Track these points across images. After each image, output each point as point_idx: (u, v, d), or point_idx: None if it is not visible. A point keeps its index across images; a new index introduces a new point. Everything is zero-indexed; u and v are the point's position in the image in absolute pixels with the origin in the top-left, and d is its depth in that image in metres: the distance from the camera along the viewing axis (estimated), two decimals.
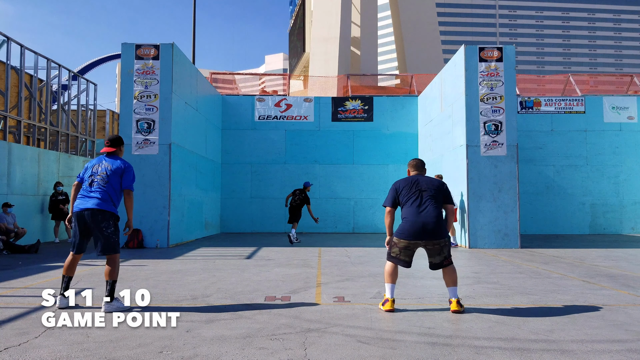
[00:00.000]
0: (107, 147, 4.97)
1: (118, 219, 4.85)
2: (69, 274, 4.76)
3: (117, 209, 4.86)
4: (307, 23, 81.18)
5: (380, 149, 17.41)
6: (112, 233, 4.72)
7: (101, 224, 4.69)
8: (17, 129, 13.44)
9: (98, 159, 4.96)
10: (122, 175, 4.81)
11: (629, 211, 16.83)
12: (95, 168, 4.85)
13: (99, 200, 4.70)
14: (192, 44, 22.28)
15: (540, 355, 3.40)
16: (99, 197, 4.71)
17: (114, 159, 4.93)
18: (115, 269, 4.71)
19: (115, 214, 4.81)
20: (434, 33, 74.89)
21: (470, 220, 11.61)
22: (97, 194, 4.73)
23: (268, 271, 7.48)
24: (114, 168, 4.82)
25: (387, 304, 4.70)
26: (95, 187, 4.76)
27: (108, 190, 4.75)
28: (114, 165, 4.84)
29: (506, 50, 12.10)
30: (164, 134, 11.64)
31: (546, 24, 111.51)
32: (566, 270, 7.66)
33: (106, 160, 4.89)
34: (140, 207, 11.39)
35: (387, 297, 4.74)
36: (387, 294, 4.76)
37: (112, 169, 4.81)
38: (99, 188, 4.74)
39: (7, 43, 12.65)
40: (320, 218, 16.73)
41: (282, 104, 17.57)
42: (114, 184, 4.78)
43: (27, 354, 3.36)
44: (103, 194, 4.72)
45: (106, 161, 4.88)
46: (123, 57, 11.95)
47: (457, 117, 12.64)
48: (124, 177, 4.81)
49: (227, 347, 3.54)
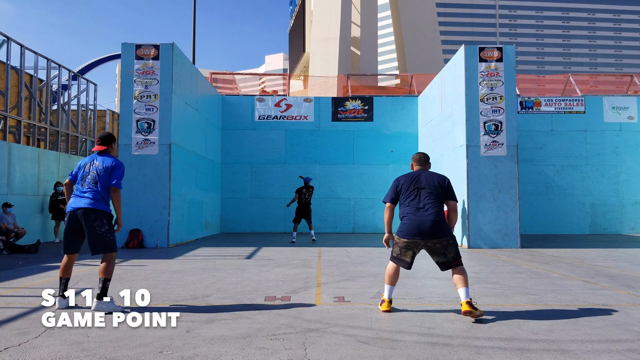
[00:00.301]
0: (99, 145, 4.94)
1: (112, 217, 4.83)
2: (66, 276, 4.75)
3: (110, 207, 4.85)
4: (307, 23, 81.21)
5: (380, 149, 17.41)
6: (106, 232, 4.69)
7: (94, 223, 4.66)
8: (17, 129, 13.44)
9: (90, 157, 4.93)
10: (111, 173, 4.78)
11: (629, 211, 16.83)
12: (87, 167, 4.83)
13: (91, 199, 4.69)
14: (192, 44, 22.28)
15: (540, 355, 3.40)
16: (90, 196, 4.70)
17: (106, 157, 4.89)
18: (110, 266, 4.68)
19: (108, 213, 4.78)
20: (434, 33, 74.91)
21: (470, 220, 11.61)
22: (89, 193, 4.72)
23: (268, 271, 7.48)
24: (105, 166, 4.79)
25: (383, 304, 4.68)
26: (86, 187, 4.75)
27: (100, 189, 4.73)
28: (104, 163, 4.81)
29: (506, 50, 12.10)
30: (164, 134, 11.64)
31: (546, 24, 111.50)
32: (566, 270, 7.66)
33: (97, 159, 4.86)
34: (140, 207, 11.39)
35: (385, 297, 4.72)
36: (385, 295, 4.74)
37: (103, 167, 4.78)
38: (90, 188, 4.73)
39: (7, 43, 12.65)
40: (320, 218, 16.75)
41: (282, 104, 17.57)
42: (105, 183, 4.76)
43: (27, 354, 3.36)
44: (95, 194, 4.72)
45: (97, 160, 4.85)
46: (123, 57, 11.95)
47: (457, 117, 12.64)
48: (112, 174, 4.77)
49: (227, 347, 3.53)
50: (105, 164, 4.80)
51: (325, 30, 69.90)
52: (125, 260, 8.85)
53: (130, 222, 11.31)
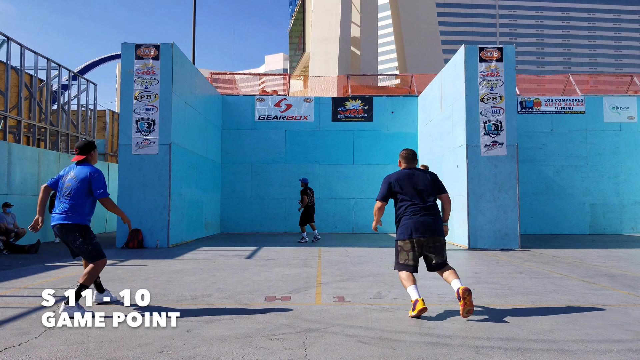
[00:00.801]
0: (77, 154, 4.81)
1: (85, 228, 4.68)
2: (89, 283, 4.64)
3: (87, 217, 4.72)
4: (307, 23, 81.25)
5: (380, 149, 17.42)
6: (81, 244, 4.63)
7: (67, 238, 4.65)
8: (17, 129, 13.44)
9: (69, 168, 4.82)
10: (89, 184, 4.65)
11: (629, 211, 16.83)
12: (64, 179, 4.73)
13: (62, 215, 4.63)
14: (192, 44, 22.28)
15: (540, 355, 3.40)
16: (62, 211, 4.63)
17: (83, 166, 4.75)
18: (93, 271, 4.59)
19: (81, 225, 4.65)
20: (434, 33, 74.95)
21: (470, 220, 11.61)
22: (62, 207, 4.64)
23: (268, 271, 7.48)
24: (81, 178, 4.66)
25: (418, 304, 4.34)
26: (61, 200, 4.67)
27: (73, 201, 4.62)
28: (80, 174, 4.68)
29: (506, 50, 12.11)
30: (164, 134, 11.64)
31: (546, 24, 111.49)
32: (566, 270, 7.66)
33: (74, 170, 4.74)
34: (140, 207, 11.40)
35: (414, 298, 4.41)
36: (412, 297, 4.44)
37: (78, 179, 4.65)
38: (63, 201, 4.65)
39: (7, 43, 12.65)
40: (321, 218, 16.74)
41: (282, 104, 17.57)
42: (81, 194, 4.63)
43: (27, 354, 3.36)
44: (67, 207, 4.62)
45: (74, 171, 4.73)
46: (123, 57, 11.95)
47: (457, 117, 12.64)
48: (93, 186, 4.65)
49: (227, 347, 3.54)
50: (80, 175, 4.67)
51: (325, 30, 69.92)
52: (125, 260, 8.85)
53: (131, 222, 11.29)
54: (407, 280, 4.53)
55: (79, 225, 4.64)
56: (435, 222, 4.60)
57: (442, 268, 4.60)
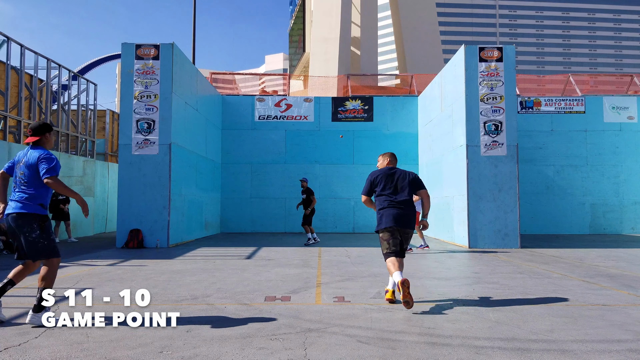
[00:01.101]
0: (30, 136, 4.36)
1: (45, 218, 4.27)
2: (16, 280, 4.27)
3: (44, 207, 4.31)
4: (307, 23, 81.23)
5: (380, 149, 17.37)
6: (38, 237, 4.17)
7: (23, 229, 4.17)
8: (17, 129, 13.44)
9: (24, 151, 4.39)
10: (37, 167, 4.20)
11: (629, 211, 16.83)
12: (18, 165, 4.33)
13: (18, 202, 4.21)
14: (192, 44, 22.26)
15: (540, 355, 3.40)
16: (18, 199, 4.22)
17: (36, 149, 4.32)
18: (51, 273, 4.18)
19: (40, 215, 4.23)
20: (434, 33, 75.00)
21: (470, 220, 11.61)
22: (18, 194, 4.25)
23: (268, 271, 7.48)
24: (31, 162, 4.23)
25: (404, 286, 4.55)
26: (17, 188, 4.28)
27: (29, 188, 4.23)
28: (29, 160, 4.25)
29: (506, 50, 12.11)
30: (164, 134, 11.64)
31: (546, 24, 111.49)
32: (566, 270, 7.66)
33: (26, 156, 4.31)
34: (140, 207, 11.40)
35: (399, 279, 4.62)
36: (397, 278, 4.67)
37: (28, 164, 4.24)
38: (19, 188, 4.27)
39: (7, 43, 12.65)
40: (321, 218, 16.74)
41: (282, 104, 17.57)
42: (34, 179, 4.23)
43: (27, 354, 3.36)
44: (23, 194, 4.23)
45: (25, 157, 4.30)
46: (123, 57, 11.95)
47: (457, 117, 12.64)
48: (40, 167, 4.18)
49: (227, 347, 3.54)
50: (29, 161, 4.24)
51: (326, 31, 69.98)
52: (125, 260, 8.85)
53: (130, 222, 11.32)
54: (392, 266, 4.88)
55: (37, 215, 4.23)
56: (410, 216, 5.09)
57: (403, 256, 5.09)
